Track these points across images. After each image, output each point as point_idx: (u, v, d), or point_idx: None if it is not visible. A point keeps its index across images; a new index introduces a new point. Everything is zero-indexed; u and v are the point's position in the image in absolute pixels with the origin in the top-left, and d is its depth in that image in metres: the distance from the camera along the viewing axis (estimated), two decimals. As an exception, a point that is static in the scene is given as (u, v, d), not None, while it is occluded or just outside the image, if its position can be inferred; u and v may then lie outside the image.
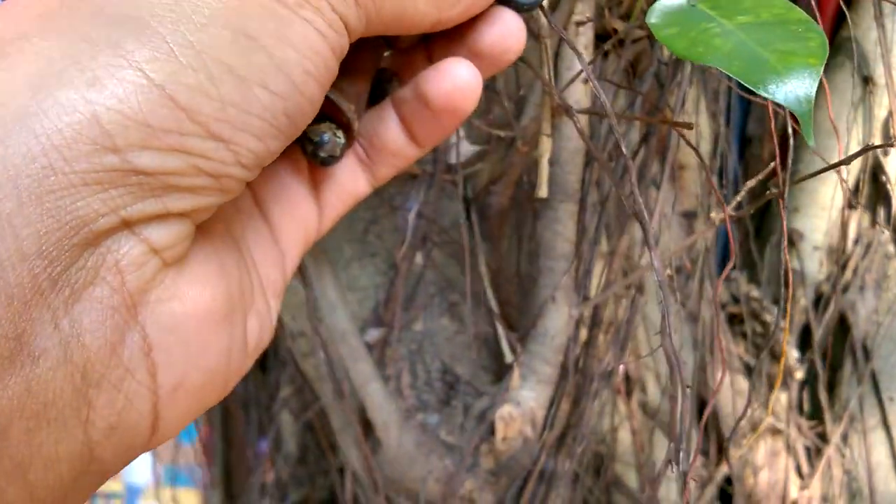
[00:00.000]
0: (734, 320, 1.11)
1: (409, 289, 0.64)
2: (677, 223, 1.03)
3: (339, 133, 0.31)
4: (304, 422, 0.78)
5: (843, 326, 1.05)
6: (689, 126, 0.45)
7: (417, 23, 0.28)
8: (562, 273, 0.61)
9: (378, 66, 0.33)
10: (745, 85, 0.36)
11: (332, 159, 0.31)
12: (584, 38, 0.62)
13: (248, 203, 0.31)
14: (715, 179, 0.99)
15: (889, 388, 1.02)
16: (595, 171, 0.65)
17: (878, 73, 0.98)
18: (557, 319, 0.61)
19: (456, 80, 0.30)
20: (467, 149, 0.65)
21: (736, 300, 1.13)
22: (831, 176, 1.02)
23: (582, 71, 0.61)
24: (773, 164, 0.52)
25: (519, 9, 0.31)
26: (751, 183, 0.53)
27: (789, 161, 0.77)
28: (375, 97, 0.34)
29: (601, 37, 0.67)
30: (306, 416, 0.71)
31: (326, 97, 0.29)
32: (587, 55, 0.62)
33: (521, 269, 0.70)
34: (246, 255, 0.29)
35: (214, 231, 0.27)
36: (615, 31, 0.63)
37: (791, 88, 0.35)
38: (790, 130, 0.54)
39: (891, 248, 1.03)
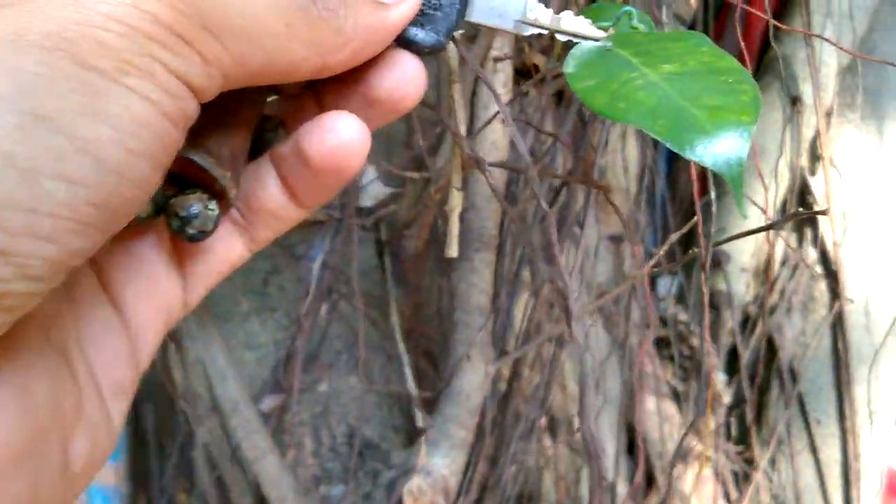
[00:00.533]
0: (661, 343, 1.09)
1: (314, 345, 0.58)
2: (604, 247, 1.00)
3: (212, 204, 0.26)
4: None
5: (770, 348, 1.04)
6: (606, 189, 0.40)
7: (295, 71, 0.25)
8: (477, 328, 0.56)
9: (260, 114, 0.29)
10: (668, 144, 0.31)
11: (203, 235, 0.26)
12: (503, 75, 0.57)
13: (88, 288, 0.26)
14: (644, 202, 0.96)
15: (816, 410, 1.02)
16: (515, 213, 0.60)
17: (807, 92, 0.97)
18: (473, 378, 0.57)
19: (339, 137, 0.26)
20: (379, 190, 0.59)
21: (664, 322, 1.11)
22: (758, 196, 1.00)
23: (499, 112, 0.56)
24: (695, 217, 0.48)
25: (420, 51, 0.28)
26: (669, 243, 0.49)
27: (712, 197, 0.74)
28: (257, 149, 0.29)
29: (521, 72, 0.63)
30: (214, 474, 0.65)
31: (194, 162, 0.25)
32: (506, 92, 0.57)
33: (442, 311, 0.65)
34: (76, 358, 0.25)
35: (18, 343, 0.22)
36: (535, 66, 0.58)
37: (721, 150, 0.31)
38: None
39: (817, 269, 1.03)
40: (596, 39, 0.35)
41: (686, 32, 0.36)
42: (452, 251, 0.44)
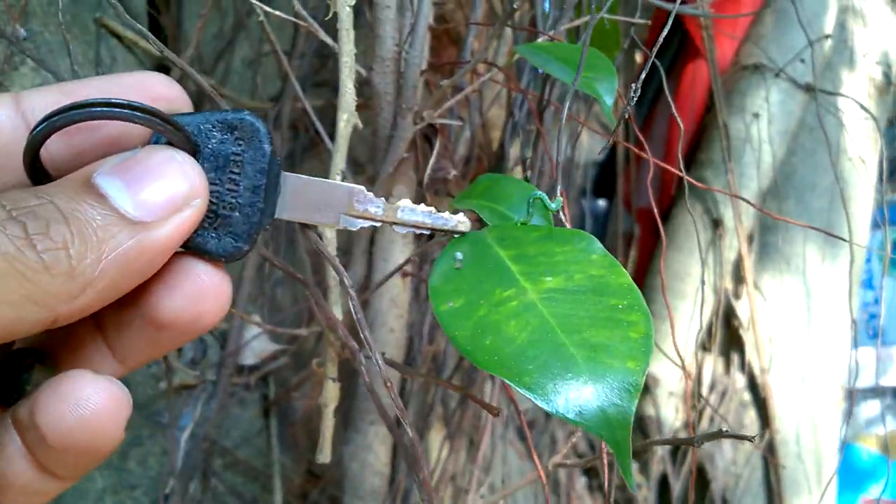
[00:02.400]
0: (591, 473, 1.03)
1: (181, 531, 0.50)
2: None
3: None
4: None
5: (701, 479, 0.99)
6: (494, 412, 0.35)
7: (8, 333, 0.19)
8: (372, 516, 0.48)
9: (4, 351, 0.23)
10: (537, 401, 0.26)
11: None
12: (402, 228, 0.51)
13: None
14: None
15: (750, 545, 0.97)
16: (419, 376, 0.54)
17: (728, 216, 0.96)
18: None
19: (82, 411, 0.20)
20: (264, 347, 0.52)
21: (593, 447, 1.05)
22: (683, 318, 0.98)
23: (401, 266, 0.50)
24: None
25: (216, 259, 0.22)
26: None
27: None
28: (7, 395, 0.22)
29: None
30: None
31: None
32: (408, 241, 0.52)
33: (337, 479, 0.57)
34: None
35: None
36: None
37: (598, 405, 0.25)
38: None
39: (746, 395, 0.99)
40: (453, 233, 0.29)
41: (575, 232, 0.31)
42: (324, 455, 0.37)
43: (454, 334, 0.27)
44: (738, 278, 1.00)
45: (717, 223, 0.98)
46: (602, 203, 1.18)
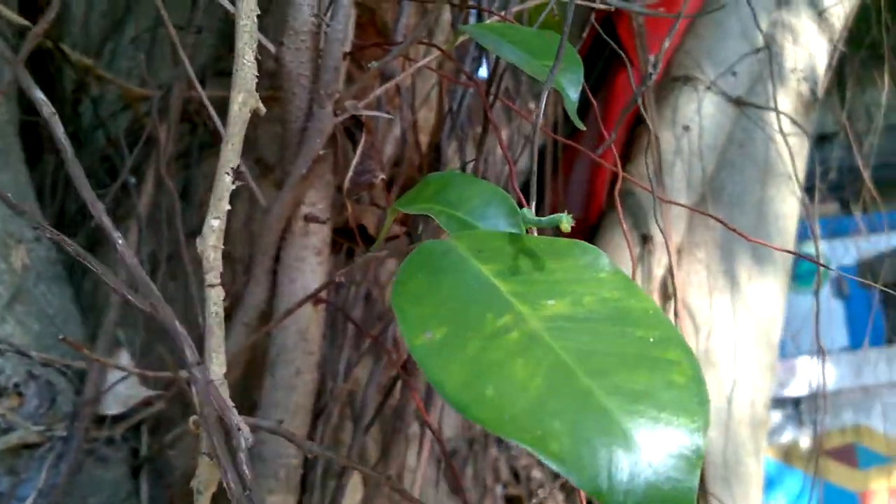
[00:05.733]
0: (514, 502, 0.96)
1: None
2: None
3: None
4: None
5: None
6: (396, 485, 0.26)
7: None
8: None
9: None
10: (570, 476, 0.18)
11: None
12: (317, 239, 0.42)
13: None
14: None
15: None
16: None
17: (656, 230, 0.92)
18: None
19: None
20: (133, 391, 0.42)
21: (517, 476, 0.98)
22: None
23: (315, 292, 0.41)
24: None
25: None
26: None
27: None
28: None
29: (343, 232, 0.49)
30: None
31: None
32: (321, 261, 0.42)
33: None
34: None
35: None
36: (362, 227, 0.44)
37: (651, 477, 0.18)
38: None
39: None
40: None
41: (575, 243, 0.23)
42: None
43: (439, 380, 0.18)
44: (666, 294, 0.96)
45: (645, 238, 0.94)
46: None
